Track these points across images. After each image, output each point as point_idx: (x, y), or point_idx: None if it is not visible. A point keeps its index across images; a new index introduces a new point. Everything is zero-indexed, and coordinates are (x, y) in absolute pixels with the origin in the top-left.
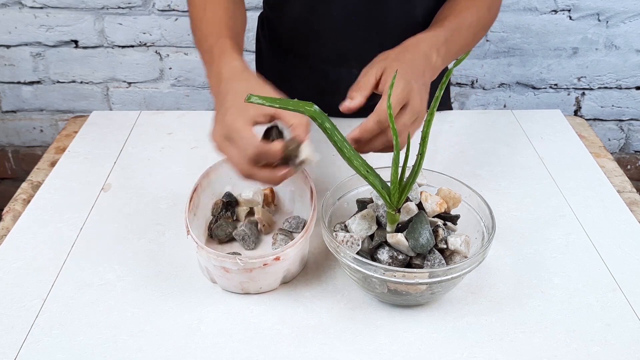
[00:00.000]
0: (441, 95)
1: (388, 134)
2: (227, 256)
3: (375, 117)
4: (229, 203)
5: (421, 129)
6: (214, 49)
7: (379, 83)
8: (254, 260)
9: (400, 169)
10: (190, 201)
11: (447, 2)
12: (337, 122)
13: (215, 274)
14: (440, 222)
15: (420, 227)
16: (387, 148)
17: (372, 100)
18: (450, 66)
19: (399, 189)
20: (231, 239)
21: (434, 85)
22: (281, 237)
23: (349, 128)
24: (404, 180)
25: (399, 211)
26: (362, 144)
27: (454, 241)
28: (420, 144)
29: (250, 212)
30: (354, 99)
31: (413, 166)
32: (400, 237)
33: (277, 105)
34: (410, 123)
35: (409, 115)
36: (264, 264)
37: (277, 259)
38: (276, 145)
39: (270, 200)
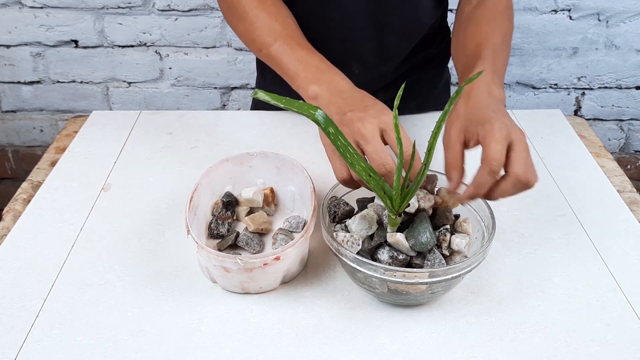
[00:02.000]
0: (450, 109)
1: (517, 173)
2: (227, 256)
3: (486, 169)
4: (229, 203)
5: (429, 139)
6: (311, 59)
7: (467, 145)
8: (254, 260)
9: (402, 178)
10: (190, 201)
11: (468, 28)
12: None
13: (216, 274)
14: (447, 226)
15: (420, 226)
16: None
17: (383, 95)
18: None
19: (401, 195)
20: (232, 245)
21: (444, 100)
22: (281, 237)
23: None
24: (407, 186)
25: (400, 215)
26: (489, 192)
27: (460, 242)
28: (426, 154)
29: (250, 212)
30: (453, 179)
31: (417, 174)
32: (400, 236)
33: (282, 105)
34: (527, 155)
35: (520, 149)
36: (264, 264)
37: (277, 258)
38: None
39: (270, 200)
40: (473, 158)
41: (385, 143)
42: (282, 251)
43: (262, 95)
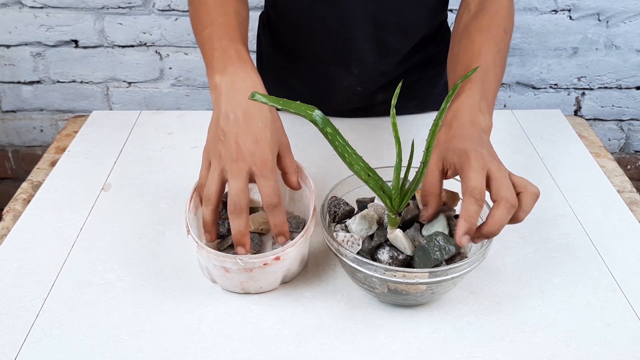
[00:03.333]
0: (447, 107)
1: (508, 198)
2: (227, 256)
3: (470, 199)
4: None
5: (427, 138)
6: (229, 49)
7: (446, 174)
8: (254, 260)
9: (402, 177)
10: (190, 201)
11: (462, 42)
12: (336, 122)
13: (216, 274)
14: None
15: (436, 247)
16: (512, 213)
17: (373, 99)
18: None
19: (400, 194)
20: (232, 245)
21: (441, 98)
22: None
23: (348, 128)
24: (406, 185)
25: (399, 215)
26: (486, 225)
27: (466, 245)
28: (424, 152)
29: (250, 212)
30: (429, 205)
31: (416, 173)
32: (399, 232)
33: (280, 106)
34: (508, 180)
35: (500, 175)
36: (264, 264)
37: (277, 258)
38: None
39: None
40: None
41: (252, 180)
42: (282, 251)
43: (260, 97)
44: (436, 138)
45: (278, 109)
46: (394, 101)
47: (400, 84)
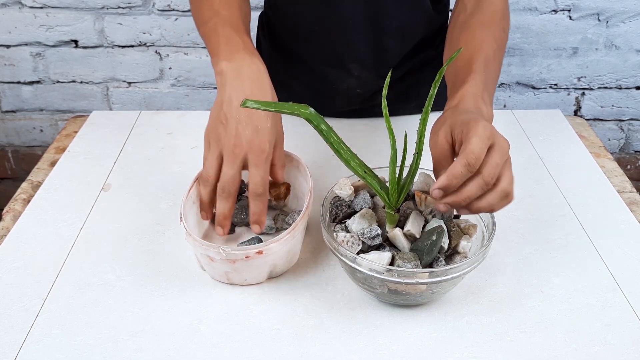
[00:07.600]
0: (435, 93)
1: (484, 174)
2: (211, 245)
3: (462, 161)
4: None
5: (418, 127)
6: (234, 38)
7: (454, 146)
8: (236, 252)
9: (397, 169)
10: (190, 189)
11: (462, 35)
12: (334, 122)
13: (203, 262)
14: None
15: (432, 246)
16: (483, 192)
17: (373, 101)
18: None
19: (397, 188)
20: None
21: (443, 100)
22: (282, 217)
23: (348, 128)
24: (402, 180)
25: (397, 211)
26: (455, 193)
27: (465, 245)
28: (416, 143)
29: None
30: (440, 180)
31: (410, 165)
32: (398, 231)
33: (273, 109)
34: (501, 162)
35: (498, 154)
36: (246, 257)
37: (260, 252)
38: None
39: (282, 197)
40: None
41: (245, 167)
42: (265, 246)
43: (252, 104)
44: (442, 117)
45: (272, 111)
46: (384, 92)
47: (389, 73)
